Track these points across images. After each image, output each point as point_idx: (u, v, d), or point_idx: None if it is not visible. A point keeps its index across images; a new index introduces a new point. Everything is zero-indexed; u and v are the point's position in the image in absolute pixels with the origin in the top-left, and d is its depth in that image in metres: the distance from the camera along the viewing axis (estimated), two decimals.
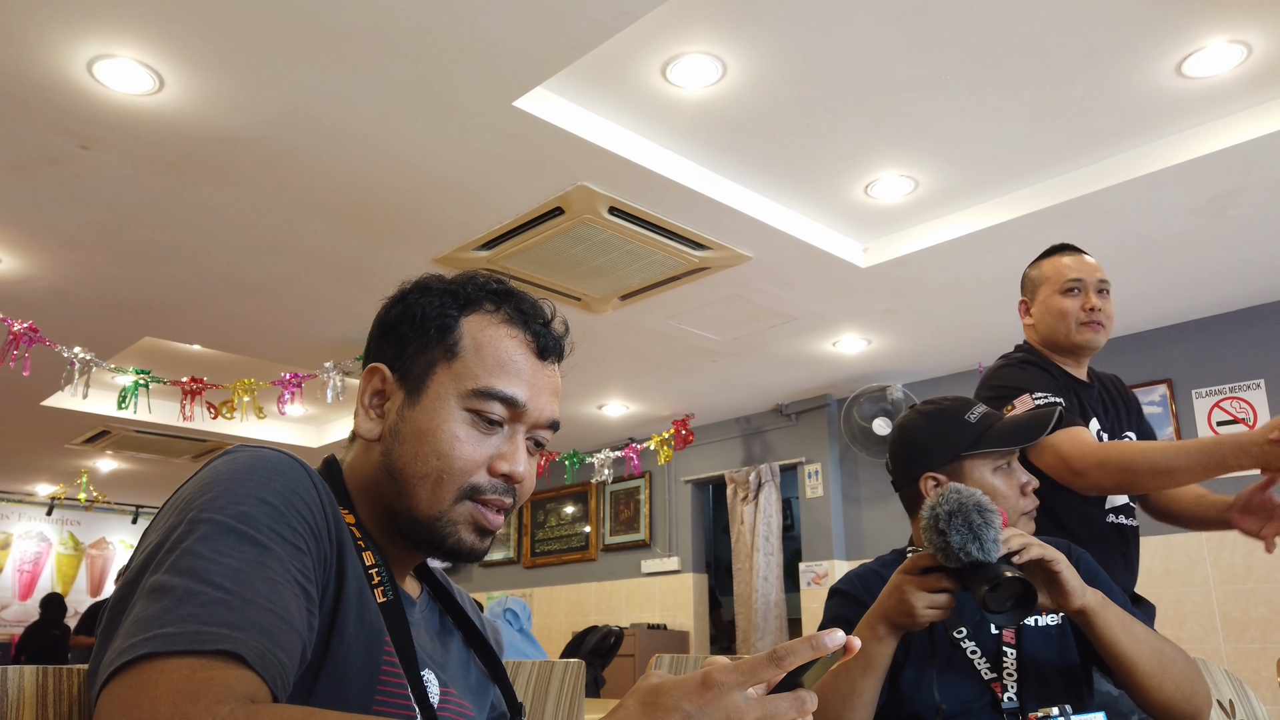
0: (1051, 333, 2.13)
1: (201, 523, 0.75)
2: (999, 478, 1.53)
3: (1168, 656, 1.34)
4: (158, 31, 2.54)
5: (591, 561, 7.45)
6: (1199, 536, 4.62)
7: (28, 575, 9.56)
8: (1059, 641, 1.45)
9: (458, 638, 1.03)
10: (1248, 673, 4.36)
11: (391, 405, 0.94)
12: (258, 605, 0.72)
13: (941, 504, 1.23)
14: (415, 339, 0.94)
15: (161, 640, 0.68)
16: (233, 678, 0.69)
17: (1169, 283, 4.38)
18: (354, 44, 2.60)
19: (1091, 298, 2.10)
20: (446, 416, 0.91)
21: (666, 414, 6.49)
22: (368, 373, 0.96)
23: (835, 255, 4.04)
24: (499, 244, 3.85)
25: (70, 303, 4.44)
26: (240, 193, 3.43)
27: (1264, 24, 2.73)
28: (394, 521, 0.93)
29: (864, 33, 2.73)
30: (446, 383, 0.92)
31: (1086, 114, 3.17)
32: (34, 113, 2.89)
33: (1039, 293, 2.19)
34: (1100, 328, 2.10)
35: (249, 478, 0.79)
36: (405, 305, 0.97)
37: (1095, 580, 1.51)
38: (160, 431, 6.76)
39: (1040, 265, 2.22)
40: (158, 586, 0.72)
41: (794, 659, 0.70)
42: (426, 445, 0.91)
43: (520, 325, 0.97)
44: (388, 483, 0.92)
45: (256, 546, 0.76)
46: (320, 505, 0.83)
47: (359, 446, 0.96)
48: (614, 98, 3.07)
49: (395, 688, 0.84)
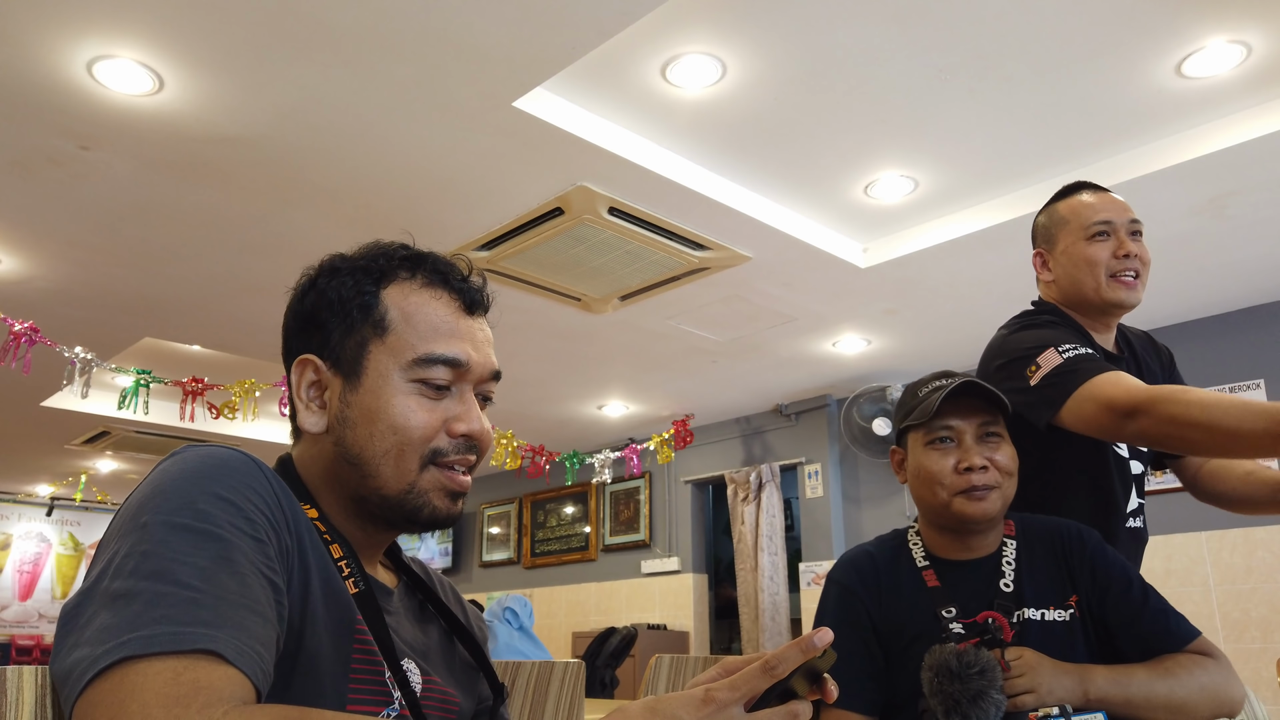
0: (1077, 288, 1.77)
1: (158, 525, 0.75)
2: (932, 454, 1.45)
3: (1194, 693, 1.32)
4: (158, 32, 2.54)
5: (591, 562, 7.45)
6: (1199, 536, 4.62)
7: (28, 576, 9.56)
8: (1063, 639, 1.40)
9: (439, 626, 1.02)
10: (1248, 673, 4.36)
11: (331, 394, 0.92)
12: (229, 601, 0.72)
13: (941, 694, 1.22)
14: (339, 323, 0.92)
15: (138, 643, 0.68)
16: (218, 677, 0.69)
17: (1169, 283, 4.38)
18: (354, 44, 2.60)
19: (1125, 242, 1.73)
20: (393, 391, 0.90)
21: (666, 414, 6.49)
22: (297, 365, 0.93)
23: (835, 255, 4.04)
24: (499, 244, 3.85)
25: (70, 303, 4.44)
26: (240, 193, 3.43)
27: (1264, 24, 2.73)
28: (363, 506, 0.92)
29: (864, 33, 2.73)
30: (383, 359, 0.91)
31: (1086, 114, 3.17)
32: (34, 113, 2.89)
33: (1058, 240, 1.81)
34: (1137, 280, 1.75)
35: (201, 476, 0.79)
36: (318, 291, 0.94)
37: (1108, 565, 1.47)
38: (160, 432, 6.76)
39: (1056, 208, 1.84)
40: (123, 592, 0.71)
41: (785, 666, 0.72)
42: (380, 423, 0.90)
43: (442, 285, 0.96)
44: (348, 470, 0.91)
45: (219, 542, 0.75)
46: (275, 498, 0.83)
47: (307, 441, 0.95)
48: (614, 98, 3.07)
49: (370, 677, 0.84)
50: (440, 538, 8.67)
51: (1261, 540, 4.49)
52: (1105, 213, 1.75)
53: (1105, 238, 1.74)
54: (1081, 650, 1.40)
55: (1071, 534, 1.51)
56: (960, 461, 1.43)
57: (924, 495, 1.50)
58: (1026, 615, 1.41)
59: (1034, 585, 1.44)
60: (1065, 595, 1.44)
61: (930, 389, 1.49)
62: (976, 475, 1.41)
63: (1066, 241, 1.79)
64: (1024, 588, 1.43)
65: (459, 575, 8.53)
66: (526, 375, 5.64)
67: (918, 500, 1.50)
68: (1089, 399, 1.53)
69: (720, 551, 7.30)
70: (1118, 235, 1.74)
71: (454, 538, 8.60)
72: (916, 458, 1.48)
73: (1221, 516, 4.62)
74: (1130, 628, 1.41)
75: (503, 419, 6.14)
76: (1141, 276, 1.75)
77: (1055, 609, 1.43)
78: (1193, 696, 1.32)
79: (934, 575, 1.45)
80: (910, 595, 1.44)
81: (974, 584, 1.45)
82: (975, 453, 1.43)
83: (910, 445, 1.51)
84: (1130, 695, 1.31)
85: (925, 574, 1.46)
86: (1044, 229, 1.86)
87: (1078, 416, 1.55)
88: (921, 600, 1.43)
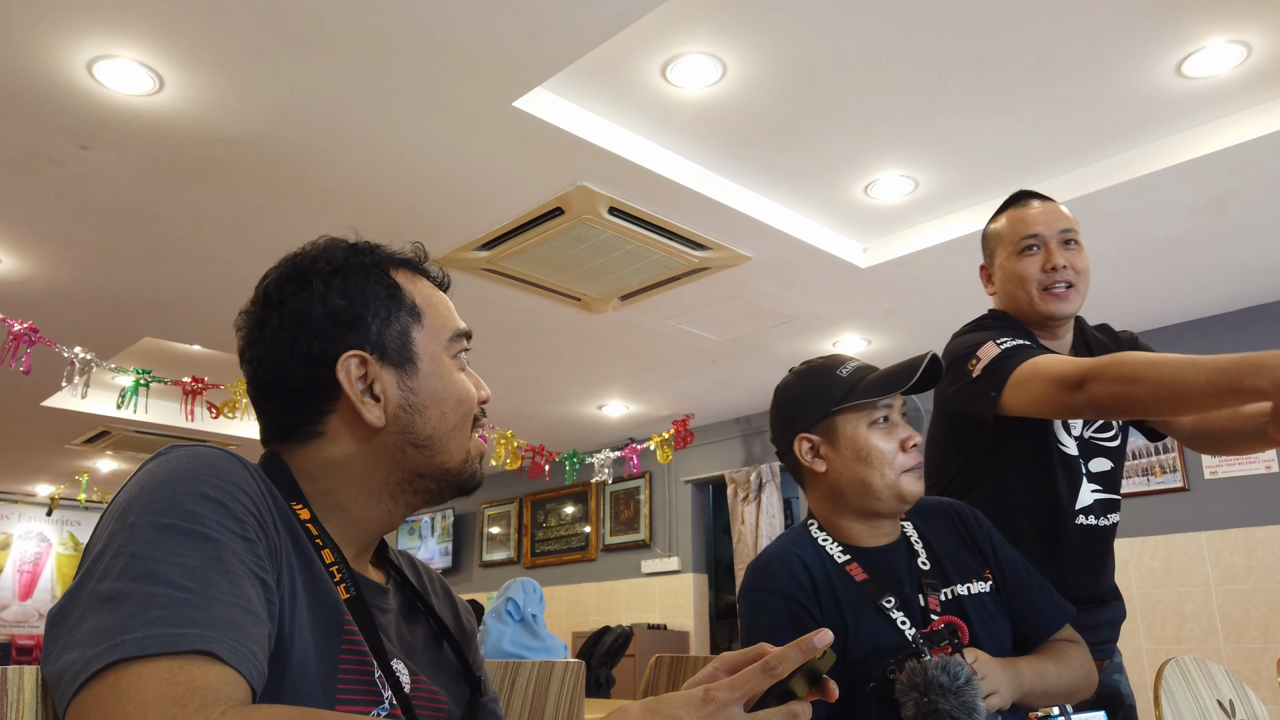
0: (1014, 303, 1.80)
1: (146, 526, 0.74)
2: (876, 433, 1.43)
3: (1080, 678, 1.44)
4: (158, 32, 2.54)
5: (591, 562, 7.45)
6: (1199, 536, 4.62)
7: (28, 576, 9.56)
8: (993, 611, 1.43)
9: (427, 624, 1.02)
10: (1248, 673, 4.36)
11: (385, 385, 0.92)
12: (221, 600, 0.72)
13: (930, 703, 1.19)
14: (374, 315, 0.93)
15: (132, 645, 0.67)
16: (213, 677, 0.68)
17: (1169, 283, 4.38)
18: (354, 44, 2.60)
19: (1054, 254, 1.74)
20: (447, 370, 0.96)
21: (666, 414, 6.49)
22: (346, 362, 0.91)
23: (835, 255, 4.04)
24: (499, 244, 3.85)
25: (70, 303, 4.44)
26: (240, 193, 3.44)
27: (1264, 24, 2.73)
28: (416, 484, 0.95)
29: (864, 33, 2.73)
30: (428, 342, 0.95)
31: (1086, 114, 3.17)
32: (34, 113, 2.89)
33: (996, 255, 1.85)
34: (1068, 291, 1.74)
35: (187, 476, 0.78)
36: (336, 292, 0.93)
37: (1003, 543, 1.53)
38: (160, 432, 6.76)
39: (996, 220, 1.87)
40: (113, 594, 0.71)
41: (785, 667, 0.73)
42: (448, 401, 0.95)
43: (420, 271, 1.02)
44: (415, 454, 0.93)
45: (208, 542, 0.75)
46: (262, 496, 0.83)
47: (319, 444, 0.92)
48: (614, 98, 3.07)
49: (359, 677, 0.84)
50: (440, 537, 8.67)
51: (1261, 540, 4.49)
52: (1034, 225, 1.76)
53: (1034, 251, 1.76)
54: (1006, 623, 1.44)
55: (965, 511, 1.54)
56: (909, 438, 1.44)
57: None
58: (957, 591, 1.42)
59: (950, 560, 1.46)
60: (981, 569, 1.47)
61: (851, 370, 1.49)
62: (914, 453, 1.44)
63: (1001, 256, 1.82)
64: (943, 564, 1.45)
65: (459, 575, 8.52)
66: (526, 375, 5.64)
67: (854, 483, 1.43)
68: (1034, 377, 1.53)
69: (720, 551, 7.30)
70: (1047, 248, 1.75)
71: (454, 537, 8.60)
72: (859, 438, 1.44)
73: (1221, 516, 4.63)
74: (1027, 605, 1.47)
75: (503, 419, 6.14)
76: (1076, 286, 1.75)
77: (978, 581, 1.45)
78: (1078, 680, 1.43)
79: (858, 568, 1.41)
80: (845, 593, 1.40)
81: (895, 568, 1.43)
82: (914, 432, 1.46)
83: (840, 428, 1.46)
84: (1047, 685, 1.37)
85: (849, 568, 1.41)
86: (986, 242, 1.89)
87: (1024, 398, 1.55)
88: (856, 595, 1.39)
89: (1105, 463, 1.78)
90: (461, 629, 1.06)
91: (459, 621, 1.06)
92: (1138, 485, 4.85)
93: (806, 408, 1.48)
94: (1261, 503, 4.52)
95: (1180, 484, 4.73)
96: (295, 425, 0.93)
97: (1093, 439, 1.78)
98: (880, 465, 1.42)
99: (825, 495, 1.48)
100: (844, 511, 1.47)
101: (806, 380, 1.52)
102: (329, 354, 0.91)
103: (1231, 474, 4.62)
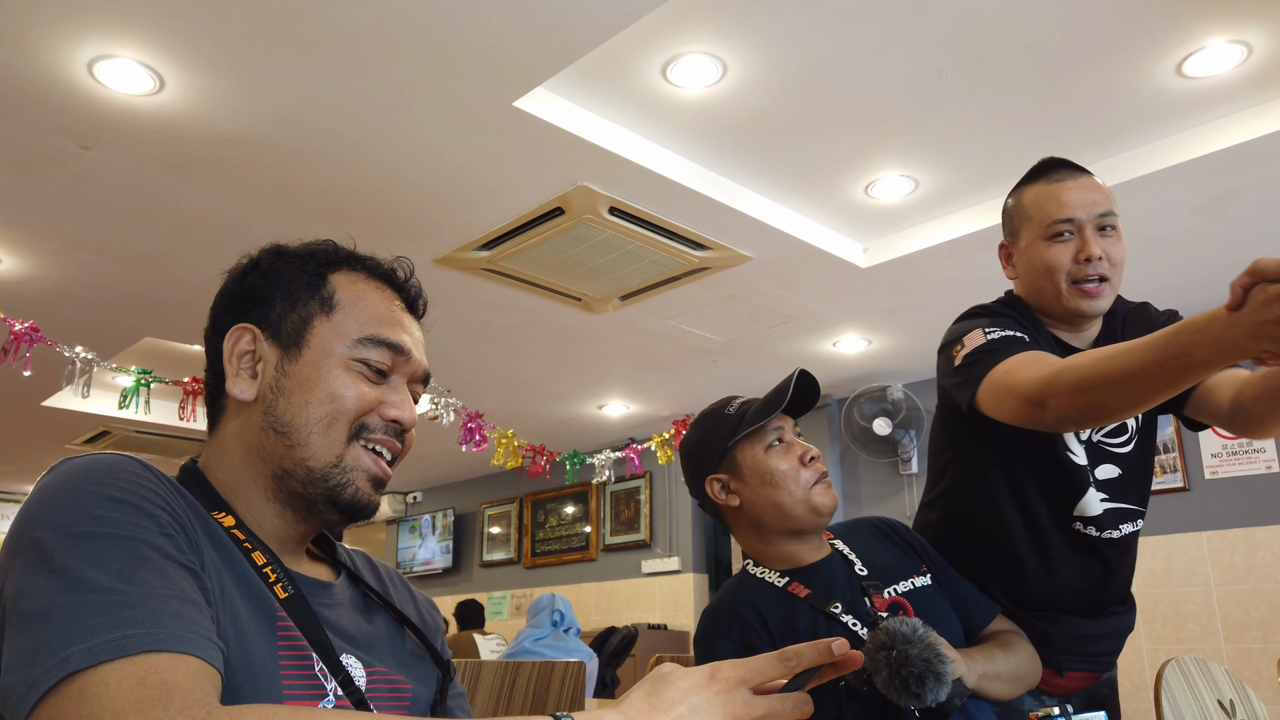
0: (1038, 294, 1.60)
1: (58, 538, 0.71)
2: (774, 456, 1.49)
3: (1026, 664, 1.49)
4: (158, 32, 2.54)
5: (592, 562, 7.45)
6: (1199, 536, 4.62)
7: None
8: (937, 600, 1.48)
9: (385, 615, 1.01)
10: (1248, 673, 4.36)
11: (265, 364, 0.92)
12: (156, 595, 0.70)
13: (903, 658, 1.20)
14: (282, 297, 0.94)
15: (80, 657, 0.64)
16: (183, 674, 0.66)
17: (1169, 283, 4.38)
18: (354, 44, 2.60)
19: (1089, 243, 1.52)
20: (333, 365, 0.92)
21: (667, 414, 6.49)
22: (232, 333, 0.93)
23: (835, 255, 4.04)
24: (499, 244, 3.85)
25: (70, 303, 4.44)
26: (240, 193, 3.44)
27: (1264, 24, 2.73)
28: (283, 486, 0.91)
29: (864, 33, 2.73)
30: (327, 334, 0.93)
31: (1086, 114, 3.17)
32: (34, 113, 2.89)
33: (1020, 235, 1.61)
34: (1100, 286, 1.53)
35: (88, 483, 0.76)
36: (262, 269, 0.96)
37: (927, 544, 1.59)
38: (161, 432, 6.76)
39: (1021, 195, 1.62)
40: (40, 609, 0.67)
41: (801, 663, 0.74)
42: (316, 392, 0.90)
43: (386, 280, 1.00)
44: (275, 441, 0.90)
45: (125, 541, 0.72)
46: (170, 493, 0.81)
47: (218, 441, 0.94)
48: (614, 98, 3.07)
49: (300, 672, 0.82)
50: (440, 536, 8.66)
51: (1262, 540, 4.49)
52: (1069, 208, 1.53)
53: (1068, 237, 1.53)
54: (952, 612, 1.49)
55: (890, 521, 1.62)
56: (806, 453, 1.51)
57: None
58: (899, 589, 1.47)
59: (885, 563, 1.51)
60: (917, 564, 1.53)
61: (737, 406, 1.56)
62: (815, 465, 1.51)
63: (1027, 239, 1.59)
64: (879, 567, 1.50)
65: (459, 575, 8.52)
66: (526, 375, 5.64)
67: (768, 507, 1.47)
68: (1007, 392, 1.37)
69: (720, 551, 7.29)
70: (1082, 234, 1.52)
71: (454, 537, 8.59)
72: (758, 464, 1.49)
73: (1221, 517, 4.63)
74: (964, 599, 1.54)
75: (503, 419, 6.13)
76: (1111, 279, 1.54)
77: (917, 576, 1.51)
78: (1025, 666, 1.48)
79: (800, 585, 1.45)
80: (794, 613, 1.42)
81: (834, 579, 1.47)
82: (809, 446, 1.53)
83: (740, 459, 1.50)
84: (997, 669, 1.41)
85: (791, 588, 1.44)
86: (1008, 218, 1.66)
87: (1000, 410, 1.40)
88: (805, 611, 1.42)
89: (1113, 469, 1.62)
90: (423, 620, 1.05)
91: (420, 614, 1.05)
92: None
93: (707, 451, 1.54)
94: (1262, 503, 4.52)
95: (1181, 484, 4.73)
96: (211, 404, 0.95)
97: (1101, 443, 1.62)
98: (786, 483, 1.47)
99: (748, 528, 1.52)
100: (770, 538, 1.50)
101: (701, 427, 1.58)
102: (221, 329, 0.94)
103: (1232, 474, 4.62)
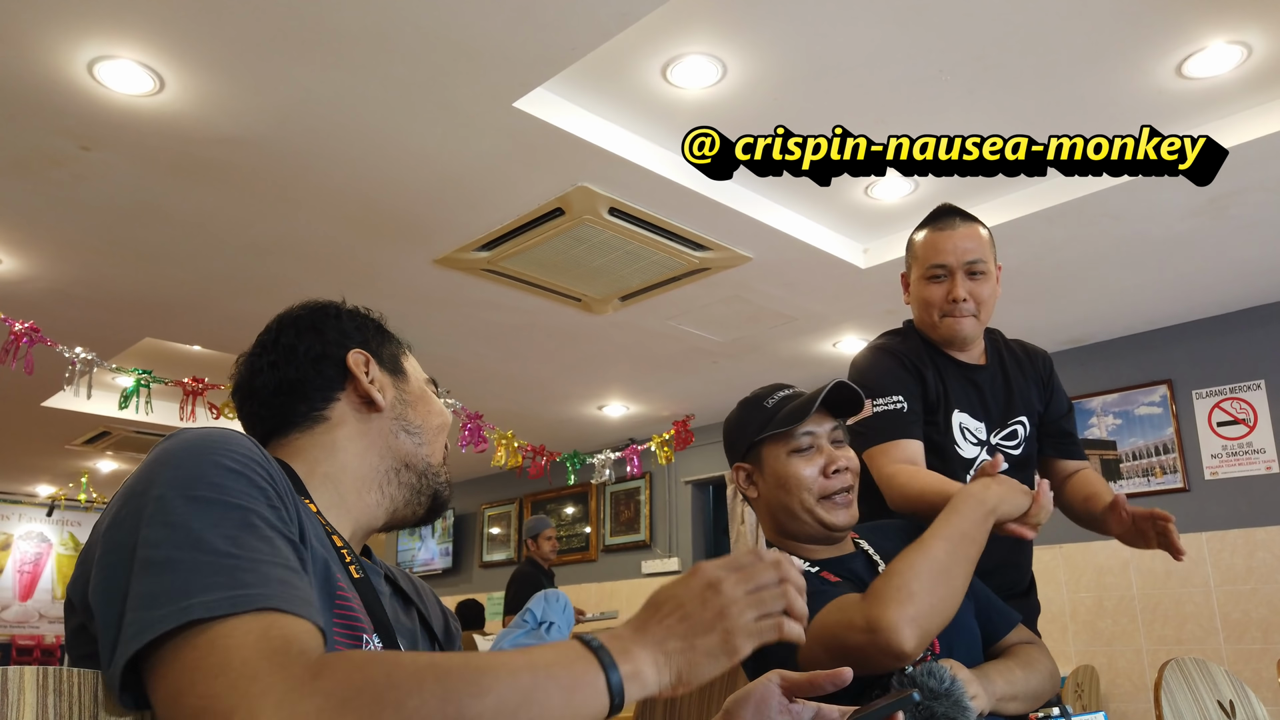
0: (920, 321, 1.91)
1: (176, 499, 0.76)
2: (796, 460, 1.45)
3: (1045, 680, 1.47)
4: (158, 32, 2.54)
5: (592, 562, 7.46)
6: (1199, 537, 4.62)
7: (28, 576, 9.55)
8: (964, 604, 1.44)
9: (417, 618, 1.09)
10: (1248, 673, 4.36)
11: (382, 383, 1.09)
12: (266, 562, 0.75)
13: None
14: (372, 339, 1.12)
15: (200, 609, 0.69)
16: (299, 629, 0.71)
17: (1169, 283, 4.38)
18: (354, 45, 2.60)
19: (957, 286, 1.81)
20: (428, 392, 1.14)
21: (666, 415, 6.49)
22: (358, 355, 1.08)
23: (836, 256, 4.04)
24: (499, 244, 3.85)
25: (71, 303, 4.44)
26: (240, 193, 3.44)
27: (1264, 24, 2.73)
28: (402, 475, 1.06)
29: (864, 33, 2.73)
30: (414, 369, 1.15)
31: (1086, 114, 3.17)
32: (34, 113, 2.89)
33: (911, 270, 1.94)
34: (966, 320, 1.82)
35: (205, 450, 0.81)
36: (350, 314, 1.14)
37: None
38: (161, 433, 6.76)
39: (913, 238, 1.94)
40: (162, 560, 0.72)
41: (793, 571, 0.82)
42: (434, 407, 1.13)
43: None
44: (406, 440, 1.07)
45: (238, 509, 0.77)
46: (277, 469, 0.86)
47: (324, 428, 1.04)
48: (614, 98, 3.07)
49: (349, 644, 0.88)
50: (440, 537, 8.67)
51: (1262, 541, 4.49)
52: (944, 254, 1.83)
53: (941, 280, 1.83)
54: (973, 618, 1.47)
55: (906, 522, 1.59)
56: (832, 463, 1.45)
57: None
58: None
59: None
60: None
61: (777, 399, 1.50)
62: (839, 478, 1.45)
63: (914, 275, 1.91)
64: None
65: (459, 575, 8.52)
66: (526, 375, 5.64)
67: (779, 509, 1.47)
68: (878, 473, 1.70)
69: (720, 552, 7.30)
70: (953, 278, 1.82)
71: (454, 538, 8.60)
72: (779, 466, 1.46)
73: (1221, 517, 4.63)
74: (987, 606, 1.51)
75: (503, 419, 6.13)
76: (979, 315, 1.83)
77: None
78: (1044, 682, 1.46)
79: (831, 574, 1.43)
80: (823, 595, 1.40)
81: (859, 574, 1.46)
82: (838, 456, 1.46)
83: (765, 456, 1.48)
84: (1016, 690, 1.39)
85: (824, 575, 1.43)
86: (907, 254, 1.96)
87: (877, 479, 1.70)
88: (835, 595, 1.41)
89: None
90: (449, 633, 1.13)
91: (446, 627, 1.13)
92: (1138, 486, 4.85)
93: (738, 439, 1.53)
94: (1262, 503, 4.52)
95: (1181, 484, 4.73)
96: (307, 411, 1.05)
97: (999, 446, 1.88)
98: (797, 491, 1.44)
99: (766, 520, 1.53)
100: (787, 534, 1.50)
101: (740, 411, 1.56)
102: (338, 351, 1.08)
103: (1232, 475, 4.62)
